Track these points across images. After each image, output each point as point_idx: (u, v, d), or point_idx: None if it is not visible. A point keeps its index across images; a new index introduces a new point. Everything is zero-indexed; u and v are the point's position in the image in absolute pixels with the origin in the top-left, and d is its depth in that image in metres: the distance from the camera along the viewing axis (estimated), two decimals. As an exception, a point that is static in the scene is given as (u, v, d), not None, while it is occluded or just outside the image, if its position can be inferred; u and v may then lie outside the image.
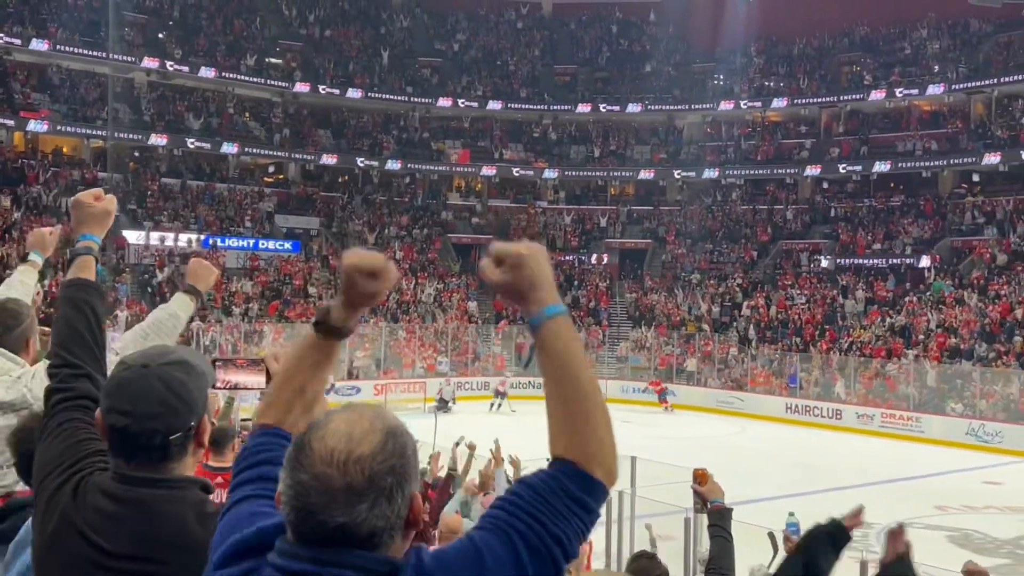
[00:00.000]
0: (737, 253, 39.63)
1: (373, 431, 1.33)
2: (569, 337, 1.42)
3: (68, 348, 2.07)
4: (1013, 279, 30.73)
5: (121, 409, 1.74)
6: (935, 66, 39.09)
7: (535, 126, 45.15)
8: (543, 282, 1.42)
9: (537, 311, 1.41)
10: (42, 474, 1.88)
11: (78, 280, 2.19)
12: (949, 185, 37.75)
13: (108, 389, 1.80)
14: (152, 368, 1.78)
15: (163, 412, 1.75)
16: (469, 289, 38.00)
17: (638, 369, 34.16)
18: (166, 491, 1.73)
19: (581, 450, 1.39)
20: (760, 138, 42.87)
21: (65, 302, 2.15)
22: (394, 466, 1.32)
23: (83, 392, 1.99)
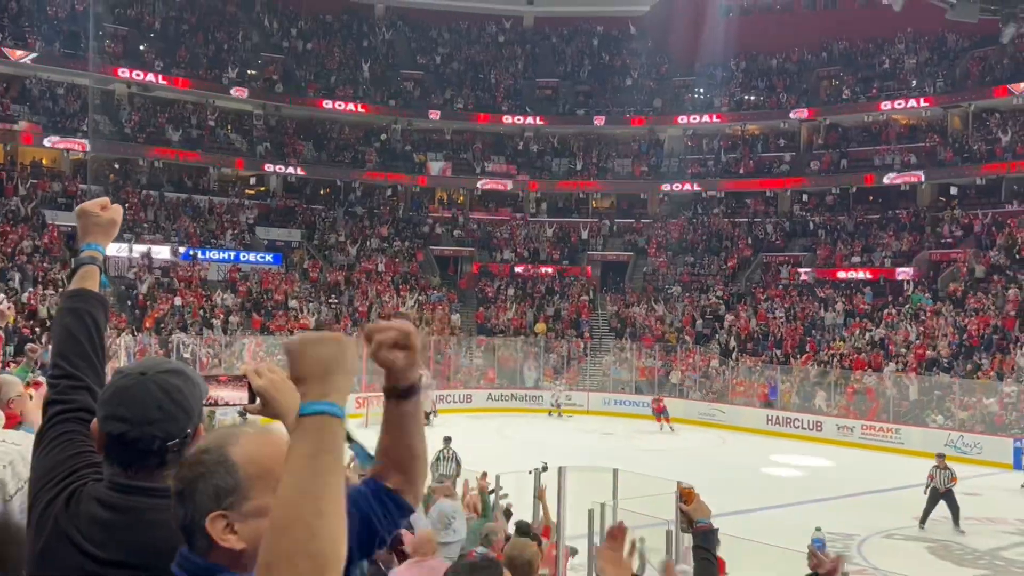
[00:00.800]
0: (718, 266, 39.83)
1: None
2: (306, 438, 1.28)
3: (68, 359, 2.06)
4: (990, 292, 31.03)
5: (119, 416, 1.74)
6: (913, 80, 39.55)
7: (517, 139, 45.29)
8: (308, 376, 1.33)
9: (301, 404, 1.32)
10: (37, 486, 1.87)
11: (81, 291, 2.17)
12: (927, 198, 38.13)
13: (105, 398, 1.80)
14: (149, 375, 1.78)
15: (161, 418, 1.75)
16: (451, 301, 37.99)
17: (620, 381, 34.22)
18: (162, 500, 1.72)
19: (261, 567, 1.22)
20: (740, 151, 43.19)
21: (67, 312, 2.13)
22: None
23: (82, 404, 1.98)
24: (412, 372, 1.63)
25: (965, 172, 36.38)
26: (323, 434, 1.28)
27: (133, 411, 1.74)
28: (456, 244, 42.17)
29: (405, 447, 1.69)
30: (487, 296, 38.97)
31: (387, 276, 38.06)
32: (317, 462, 1.26)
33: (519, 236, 42.66)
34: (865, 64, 42.36)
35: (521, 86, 46.50)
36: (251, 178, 42.26)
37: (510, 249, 41.74)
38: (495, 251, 41.71)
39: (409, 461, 1.70)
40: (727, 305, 36.71)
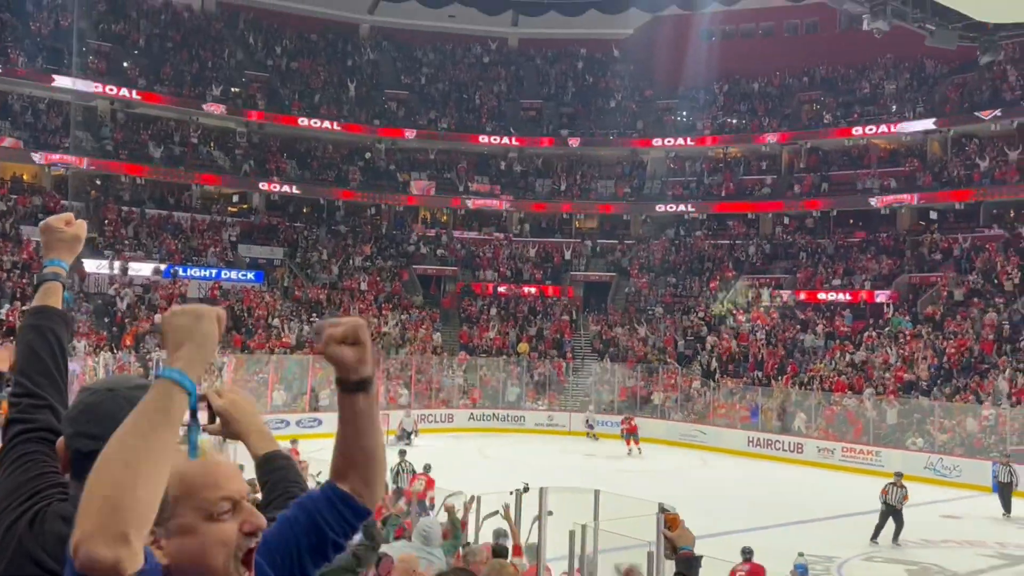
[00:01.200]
0: (700, 287, 39.99)
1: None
2: (148, 399, 1.35)
3: (31, 377, 2.02)
4: (969, 316, 31.28)
5: (89, 433, 1.72)
6: (893, 105, 40.00)
7: (501, 159, 45.44)
8: (169, 345, 1.42)
9: (162, 368, 1.42)
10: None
11: (43, 307, 2.14)
12: (907, 222, 38.48)
13: (73, 415, 1.78)
14: (118, 391, 1.77)
15: None
16: (434, 321, 37.93)
17: (602, 402, 34.22)
18: None
19: (78, 520, 1.25)
20: (722, 174, 43.50)
21: (30, 329, 2.10)
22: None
23: (44, 424, 1.94)
24: (364, 367, 1.63)
25: (945, 197, 36.71)
26: (160, 397, 1.35)
27: (104, 427, 1.71)
28: (439, 263, 42.16)
29: (359, 448, 1.67)
30: (470, 316, 38.94)
31: (370, 295, 37.96)
32: (142, 420, 1.32)
33: (502, 256, 42.70)
34: (846, 89, 42.83)
35: (505, 107, 46.72)
36: (234, 196, 42.16)
37: (493, 269, 41.76)
38: (478, 271, 41.72)
39: (364, 463, 1.68)
40: (709, 327, 36.83)
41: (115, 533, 1.23)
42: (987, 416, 25.87)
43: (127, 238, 35.61)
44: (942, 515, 20.11)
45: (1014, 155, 35.66)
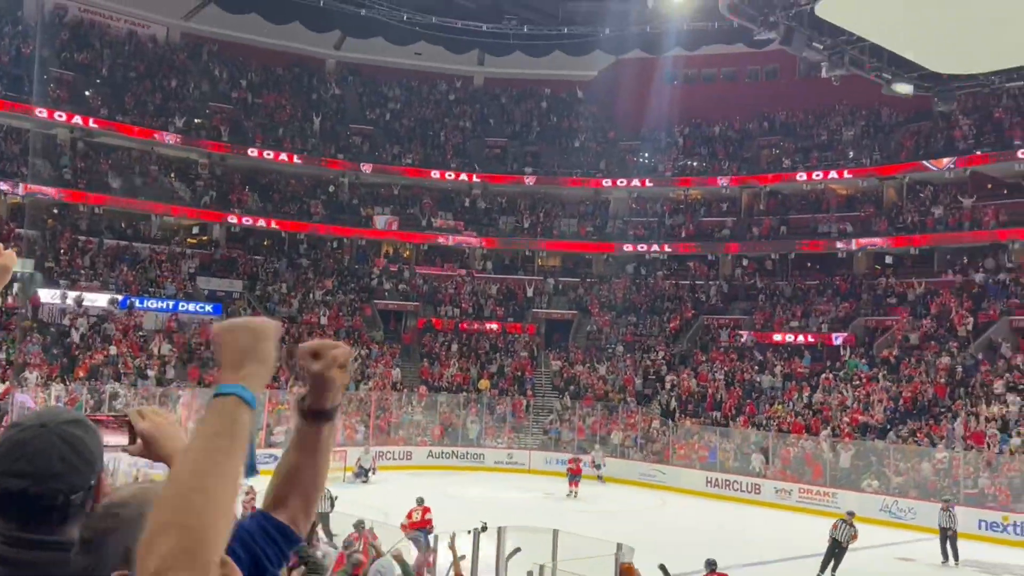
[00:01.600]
0: (660, 326, 40.24)
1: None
2: (213, 417, 1.29)
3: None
4: (924, 360, 31.75)
5: (18, 471, 1.64)
6: (850, 152, 40.85)
7: (465, 196, 45.61)
8: (226, 361, 1.35)
9: (215, 387, 1.34)
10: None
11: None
12: (864, 266, 39.14)
13: (1, 453, 1.70)
14: (50, 427, 1.70)
15: (65, 471, 1.66)
16: (394, 356, 37.70)
17: (561, 441, 34.12)
18: (63, 553, 1.63)
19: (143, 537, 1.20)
20: (683, 215, 44.03)
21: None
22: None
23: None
24: (338, 395, 1.62)
25: (899, 241, 37.42)
26: (226, 415, 1.28)
27: (35, 465, 1.64)
28: (401, 299, 42.02)
29: (311, 477, 1.65)
30: (431, 352, 38.77)
31: (330, 329, 37.67)
32: (213, 441, 1.26)
33: (464, 292, 42.68)
34: (804, 135, 43.70)
35: (470, 144, 46.99)
36: (194, 227, 41.78)
37: (455, 305, 41.71)
38: (440, 306, 41.63)
39: (312, 489, 1.66)
40: (669, 366, 37.02)
41: (203, 563, 1.17)
42: (941, 459, 26.18)
43: (83, 268, 35.06)
44: (897, 557, 20.24)
45: (967, 202, 36.53)
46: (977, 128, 37.66)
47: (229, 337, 1.36)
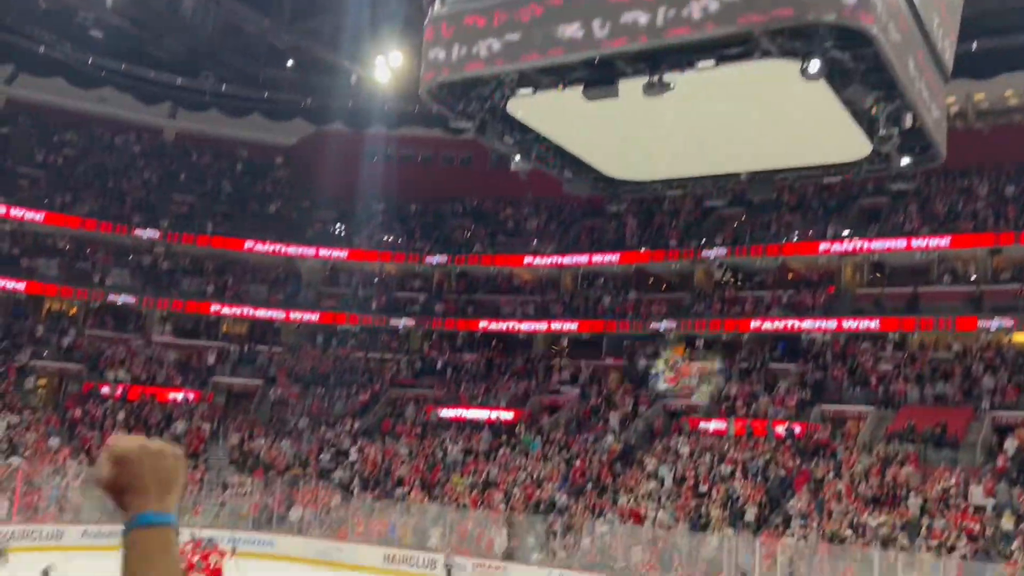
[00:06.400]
0: (348, 399, 39.89)
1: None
2: (155, 555, 1.22)
3: None
4: (590, 436, 34.04)
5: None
6: (534, 240, 43.55)
7: (146, 253, 42.78)
8: (149, 486, 1.25)
9: (132, 515, 1.24)
10: None
11: None
12: (541, 347, 41.53)
13: None
14: None
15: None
16: (49, 424, 34.03)
17: (239, 517, 32.39)
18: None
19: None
20: (375, 287, 44.40)
21: None
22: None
23: None
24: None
25: (571, 325, 40.20)
26: (170, 549, 1.22)
27: None
28: (64, 360, 38.19)
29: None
30: (93, 420, 35.42)
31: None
32: (162, 568, 1.20)
33: (139, 356, 39.69)
34: (494, 220, 46.05)
35: (155, 199, 44.36)
36: None
37: (125, 370, 38.60)
38: (108, 371, 38.32)
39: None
40: (354, 439, 36.66)
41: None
42: (601, 533, 27.99)
43: None
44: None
45: (633, 295, 40.17)
46: (642, 228, 41.77)
47: (155, 461, 1.25)
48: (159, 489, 1.25)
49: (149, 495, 1.24)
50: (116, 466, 1.25)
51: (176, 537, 1.24)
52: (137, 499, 1.24)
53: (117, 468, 1.25)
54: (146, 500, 1.24)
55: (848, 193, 38.40)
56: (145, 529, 1.22)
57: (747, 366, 35.68)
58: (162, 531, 1.23)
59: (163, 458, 1.28)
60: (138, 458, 1.25)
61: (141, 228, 41.81)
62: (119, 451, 1.26)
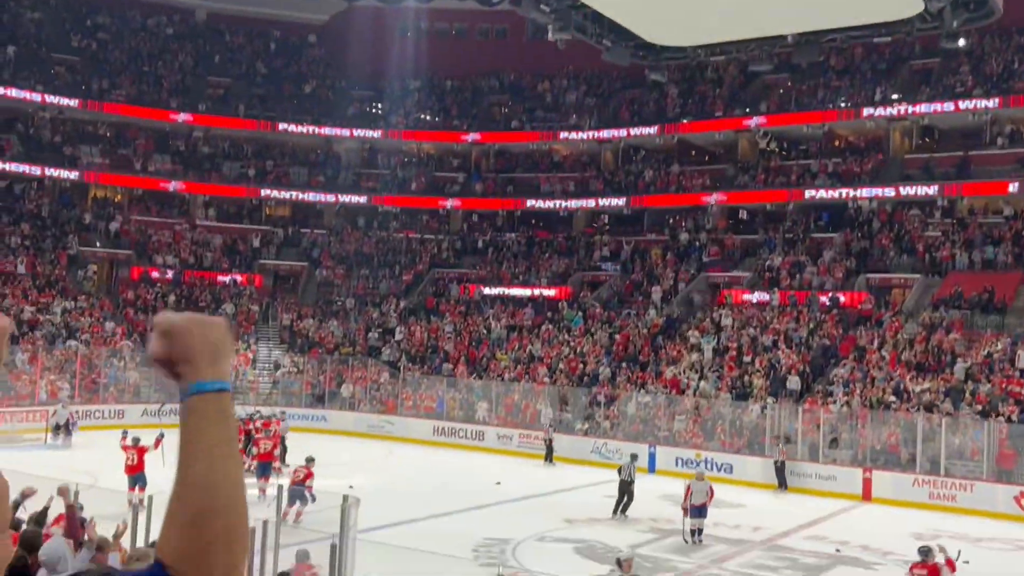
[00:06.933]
0: (391, 279, 40.38)
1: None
2: (212, 419, 1.24)
3: None
4: (632, 312, 34.28)
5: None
6: (572, 114, 42.78)
7: (185, 138, 42.86)
8: (201, 356, 1.27)
9: (187, 384, 1.26)
10: None
11: None
12: (582, 224, 41.37)
13: None
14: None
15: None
16: (103, 309, 34.99)
17: (290, 393, 33.45)
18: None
19: (183, 558, 1.16)
20: (415, 169, 44.23)
21: None
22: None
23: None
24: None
25: (613, 201, 39.84)
26: (228, 412, 1.27)
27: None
28: (112, 247, 38.95)
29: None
30: (145, 304, 36.33)
31: (28, 279, 34.30)
32: (231, 446, 1.24)
33: (185, 241, 40.32)
34: (531, 95, 45.19)
35: (191, 83, 44.10)
36: None
37: (173, 255, 39.30)
38: (156, 256, 39.05)
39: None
40: (400, 318, 37.28)
41: (242, 568, 1.20)
42: (643, 404, 28.49)
43: None
44: (605, 495, 21.79)
45: (675, 168, 39.57)
46: (683, 98, 40.77)
47: (203, 331, 1.28)
48: (209, 358, 1.27)
49: (200, 364, 1.26)
50: (165, 339, 1.27)
51: (231, 402, 1.28)
52: (189, 369, 1.26)
53: (166, 341, 1.27)
54: (197, 369, 1.26)
55: (898, 55, 36.98)
56: (199, 396, 1.25)
57: (791, 236, 35.33)
58: (216, 397, 1.25)
59: (210, 327, 1.30)
60: (185, 329, 1.28)
61: (177, 112, 41.69)
62: (166, 325, 1.28)
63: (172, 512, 1.20)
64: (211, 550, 1.17)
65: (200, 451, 1.21)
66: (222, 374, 1.28)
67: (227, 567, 1.18)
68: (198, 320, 1.30)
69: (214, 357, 1.28)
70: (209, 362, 1.27)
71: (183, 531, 1.18)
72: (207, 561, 1.17)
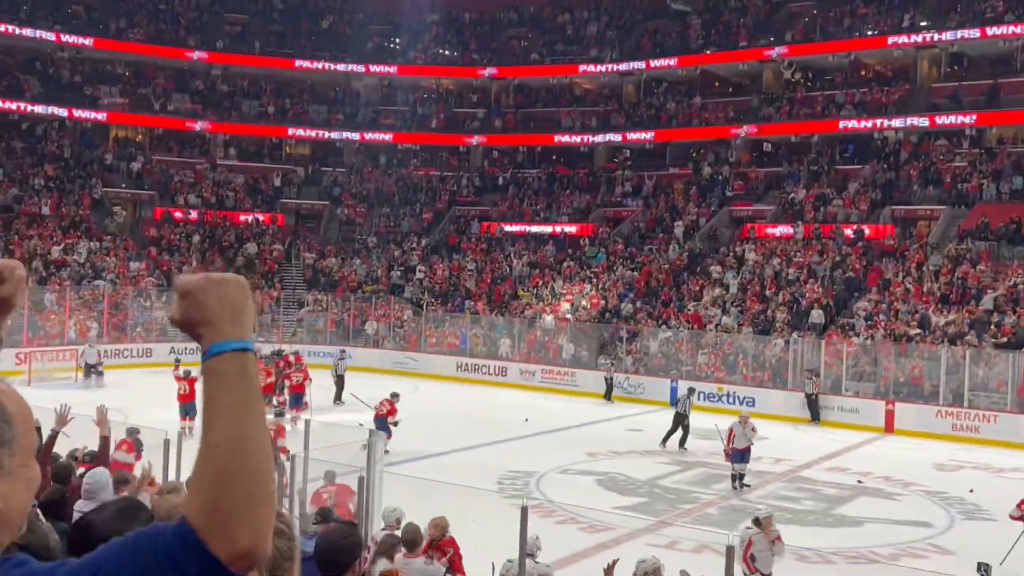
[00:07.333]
0: (413, 217, 40.36)
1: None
2: (233, 379, 1.23)
3: None
4: (654, 248, 34.14)
5: None
6: (593, 48, 42.10)
7: (203, 76, 42.65)
8: (219, 316, 1.25)
9: (207, 345, 1.25)
10: None
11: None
12: (603, 159, 40.99)
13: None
14: None
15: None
16: (128, 250, 35.28)
17: (315, 331, 33.79)
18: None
19: (206, 517, 1.15)
20: (434, 105, 43.85)
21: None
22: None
23: None
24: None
25: (636, 136, 39.37)
26: (249, 372, 1.24)
27: None
28: (134, 187, 39.11)
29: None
30: (170, 244, 36.59)
31: (53, 221, 34.58)
32: (254, 406, 1.22)
33: (206, 181, 40.41)
34: (551, 27, 44.44)
35: (208, 20, 43.71)
36: None
37: (195, 194, 39.44)
38: (178, 196, 39.20)
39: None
40: (423, 257, 37.35)
41: (268, 527, 1.19)
42: (665, 339, 28.54)
43: None
44: (627, 429, 22.02)
45: (697, 100, 38.98)
46: (707, 29, 39.95)
47: (220, 291, 1.26)
48: (228, 317, 1.25)
49: (219, 325, 1.25)
50: (184, 301, 1.26)
51: (254, 361, 1.26)
52: (209, 330, 1.25)
53: (185, 303, 1.26)
54: (217, 330, 1.24)
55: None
56: (219, 357, 1.23)
57: (816, 169, 34.89)
58: (237, 356, 1.24)
59: (227, 287, 1.27)
60: (202, 290, 1.26)
61: (192, 51, 41.36)
62: (184, 287, 1.27)
63: (197, 472, 1.19)
64: (235, 510, 1.16)
65: (222, 412, 1.20)
66: (243, 334, 1.26)
67: (252, 526, 1.17)
68: (216, 280, 1.28)
69: (234, 317, 1.26)
70: (229, 322, 1.25)
71: (207, 491, 1.17)
72: (232, 520, 1.16)
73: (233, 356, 1.23)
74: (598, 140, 40.26)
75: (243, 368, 1.23)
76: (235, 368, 1.23)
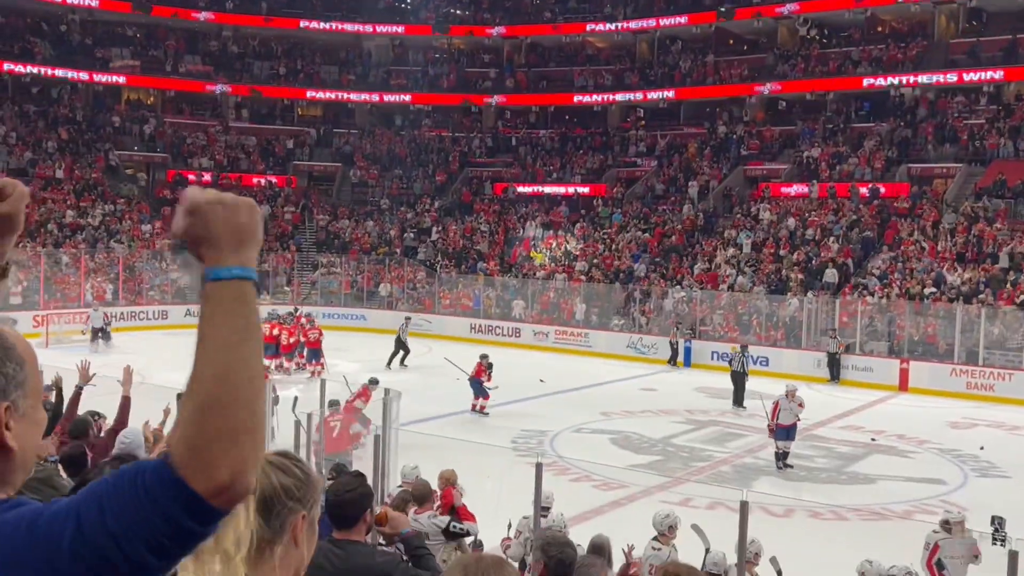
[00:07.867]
0: (425, 179, 40.25)
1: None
2: (230, 306, 1.16)
3: None
4: (669, 208, 33.98)
5: None
6: (606, 5, 41.55)
7: (214, 38, 42.42)
8: (225, 239, 1.19)
9: (206, 270, 1.19)
10: None
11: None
12: (617, 119, 40.65)
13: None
14: None
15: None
16: (142, 213, 35.38)
17: (330, 293, 33.92)
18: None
19: (186, 449, 1.10)
20: (446, 65, 43.49)
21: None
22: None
23: None
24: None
25: (649, 94, 38.95)
26: (248, 301, 1.18)
27: None
28: (147, 150, 39.11)
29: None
30: (183, 207, 36.58)
31: (67, 184, 34.67)
32: (249, 336, 1.15)
33: (218, 143, 40.37)
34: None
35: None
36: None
37: (208, 157, 39.42)
38: (191, 159, 39.20)
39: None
40: (437, 219, 37.28)
41: (251, 462, 1.13)
42: (679, 299, 28.51)
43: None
44: (641, 388, 22.10)
45: (711, 58, 38.52)
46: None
47: (226, 212, 1.20)
48: (233, 242, 1.19)
49: (223, 248, 1.19)
50: (189, 216, 1.21)
51: (255, 291, 1.20)
52: (211, 251, 1.19)
53: (190, 218, 1.20)
54: (220, 253, 1.19)
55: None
56: (217, 283, 1.18)
57: (832, 127, 34.53)
58: (238, 284, 1.18)
59: (237, 210, 1.21)
60: (210, 207, 1.20)
61: (199, 11, 41.05)
62: (192, 201, 1.21)
63: (183, 403, 1.14)
64: (215, 443, 1.09)
65: (214, 340, 1.14)
66: (246, 260, 1.20)
67: (234, 459, 1.09)
68: (227, 200, 1.21)
69: (239, 242, 1.20)
70: (232, 247, 1.19)
71: (189, 422, 1.11)
72: (211, 453, 1.09)
73: (233, 284, 1.18)
74: (616, 99, 39.81)
75: (242, 297, 1.17)
76: (232, 296, 1.17)
